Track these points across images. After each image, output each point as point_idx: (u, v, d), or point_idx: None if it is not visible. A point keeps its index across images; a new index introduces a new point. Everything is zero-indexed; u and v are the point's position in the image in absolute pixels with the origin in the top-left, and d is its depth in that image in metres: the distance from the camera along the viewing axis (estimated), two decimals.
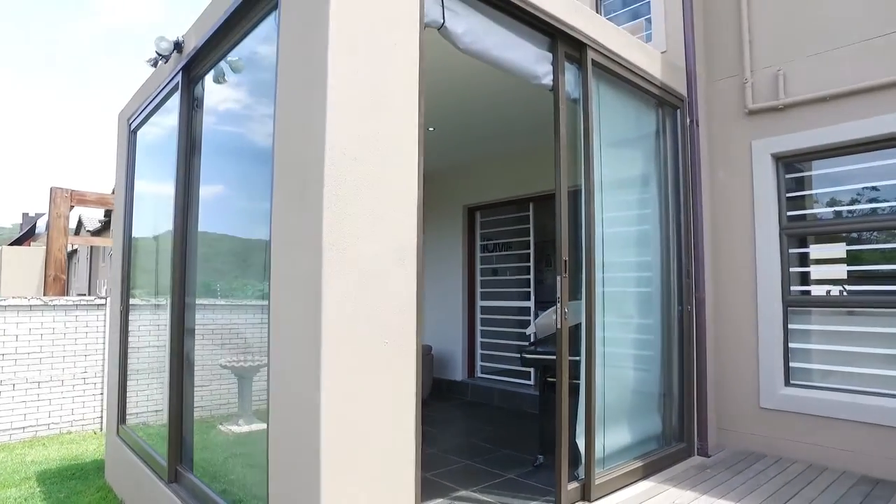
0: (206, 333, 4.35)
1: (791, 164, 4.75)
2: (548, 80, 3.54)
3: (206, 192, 4.19)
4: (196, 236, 4.14)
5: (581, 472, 3.65)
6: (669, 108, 4.69)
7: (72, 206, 8.75)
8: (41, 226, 14.96)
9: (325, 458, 2.27)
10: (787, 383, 4.64)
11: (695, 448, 4.59)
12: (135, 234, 5.48)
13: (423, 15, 2.77)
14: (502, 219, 7.39)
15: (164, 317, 5.25)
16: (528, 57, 3.41)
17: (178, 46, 4.07)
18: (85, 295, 24.28)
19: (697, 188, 4.72)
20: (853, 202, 4.51)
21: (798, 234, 4.71)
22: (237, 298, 4.37)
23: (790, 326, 4.67)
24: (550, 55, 3.55)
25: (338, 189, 2.34)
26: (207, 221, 4.19)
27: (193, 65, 4.04)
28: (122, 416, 5.31)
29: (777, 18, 4.77)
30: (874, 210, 4.40)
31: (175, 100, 4.28)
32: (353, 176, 2.41)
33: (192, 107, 4.16)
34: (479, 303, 7.55)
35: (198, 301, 4.19)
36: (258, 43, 3.49)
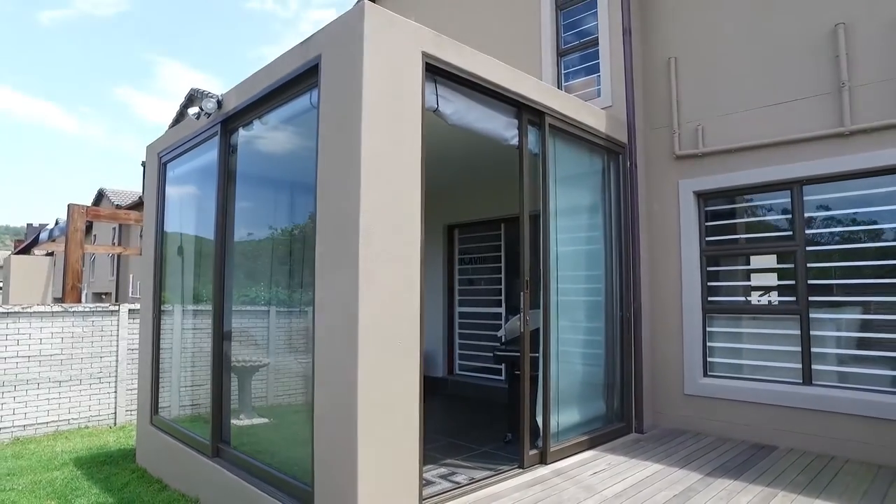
0: (236, 336, 5.29)
1: (708, 200, 5.95)
2: (514, 140, 4.64)
3: (238, 216, 5.17)
4: (232, 252, 5.10)
5: (540, 442, 4.74)
6: (613, 153, 5.84)
7: (86, 221, 9.54)
8: (44, 236, 15.59)
9: (360, 426, 3.30)
10: (705, 374, 5.83)
11: (632, 426, 5.73)
12: (164, 250, 6.39)
13: (424, 103, 3.82)
14: (477, 236, 8.49)
15: (190, 321, 6.20)
16: (500, 125, 4.51)
17: (219, 104, 5.04)
18: (106, 294, 24.57)
19: (636, 217, 5.87)
20: (752, 230, 5.73)
21: (713, 254, 5.90)
22: (251, 305, 5.34)
23: (708, 329, 5.86)
24: (517, 122, 4.65)
25: (369, 236, 3.39)
26: (230, 238, 5.17)
27: (231, 120, 5.02)
28: (154, 408, 6.22)
29: (696, 85, 5.98)
30: (767, 238, 5.61)
31: (214, 143, 5.24)
32: (379, 226, 3.46)
33: (228, 151, 5.14)
34: (458, 308, 8.64)
35: (232, 308, 5.15)
36: (289, 110, 4.50)
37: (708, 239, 5.92)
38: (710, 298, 5.89)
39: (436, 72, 3.93)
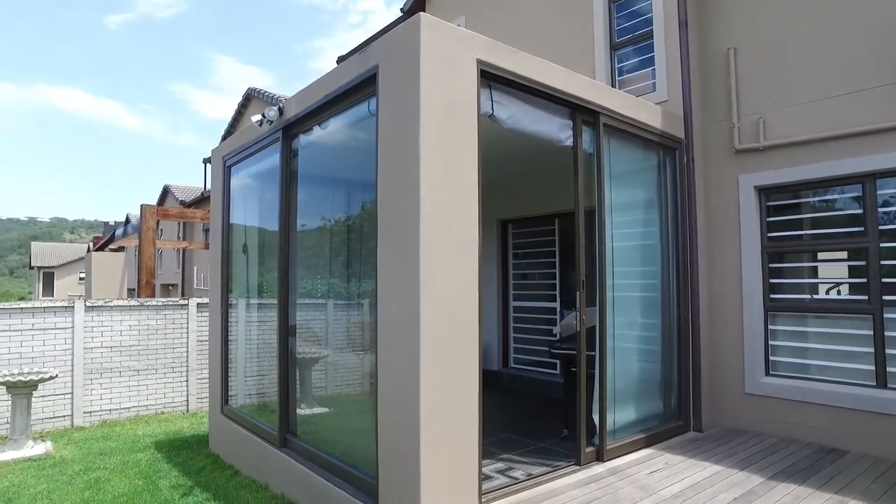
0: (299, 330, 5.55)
1: (770, 195, 5.77)
2: (569, 142, 4.66)
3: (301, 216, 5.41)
4: (296, 250, 5.35)
5: (596, 440, 4.79)
6: (669, 149, 5.75)
7: (158, 220, 10.15)
8: (119, 233, 16.67)
9: (423, 423, 3.46)
10: (767, 373, 5.70)
11: (690, 425, 5.68)
12: (231, 248, 6.74)
13: (479, 109, 3.90)
14: (531, 231, 8.51)
15: (255, 314, 6.52)
16: (554, 127, 4.53)
17: (280, 112, 5.27)
18: (173, 286, 26.10)
19: (693, 213, 5.77)
20: (818, 226, 5.53)
21: (776, 251, 5.74)
22: (311, 299, 5.59)
23: (770, 327, 5.72)
24: (571, 123, 4.66)
25: (428, 241, 3.52)
26: (293, 238, 5.41)
27: (292, 126, 5.24)
28: (225, 398, 6.60)
29: (757, 76, 5.78)
30: (836, 234, 5.41)
31: (276, 148, 5.49)
32: (437, 232, 3.58)
33: (290, 155, 5.37)
34: (512, 303, 8.71)
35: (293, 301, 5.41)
36: (348, 117, 4.67)
37: (770, 235, 5.76)
38: (772, 296, 5.73)
39: (491, 78, 4.00)
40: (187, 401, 9.18)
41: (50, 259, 46.66)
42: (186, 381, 9.18)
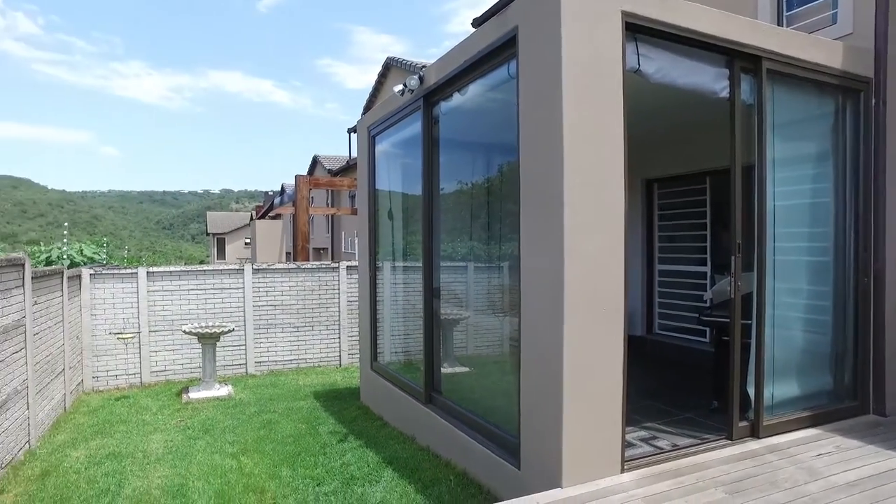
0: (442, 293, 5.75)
1: None
2: (725, 93, 4.24)
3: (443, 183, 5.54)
4: (439, 214, 5.51)
5: (751, 414, 4.45)
6: (851, 92, 5.00)
7: (310, 189, 11.00)
8: (277, 202, 18.36)
9: (566, 387, 3.46)
10: None
11: (869, 407, 5.06)
12: (377, 214, 7.11)
13: (624, 64, 3.68)
14: (679, 191, 7.96)
15: (401, 276, 6.86)
16: (708, 78, 4.14)
17: (421, 80, 5.38)
18: (323, 249, 28.72)
19: (881, 166, 5.01)
20: None
21: None
22: (452, 262, 5.74)
23: None
24: (727, 71, 4.23)
25: (572, 205, 3.44)
26: (436, 203, 5.56)
27: (432, 94, 5.34)
28: (374, 355, 7.09)
29: None
30: None
31: (417, 116, 5.64)
32: (582, 195, 3.49)
33: (431, 122, 5.49)
34: (658, 267, 8.29)
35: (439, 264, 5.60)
36: (487, 82, 4.65)
37: None
38: None
39: (636, 30, 3.74)
40: (340, 356, 10.00)
41: (221, 226, 52.70)
42: (339, 338, 9.98)
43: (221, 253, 50.69)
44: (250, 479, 4.84)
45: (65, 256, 11.38)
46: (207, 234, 55.69)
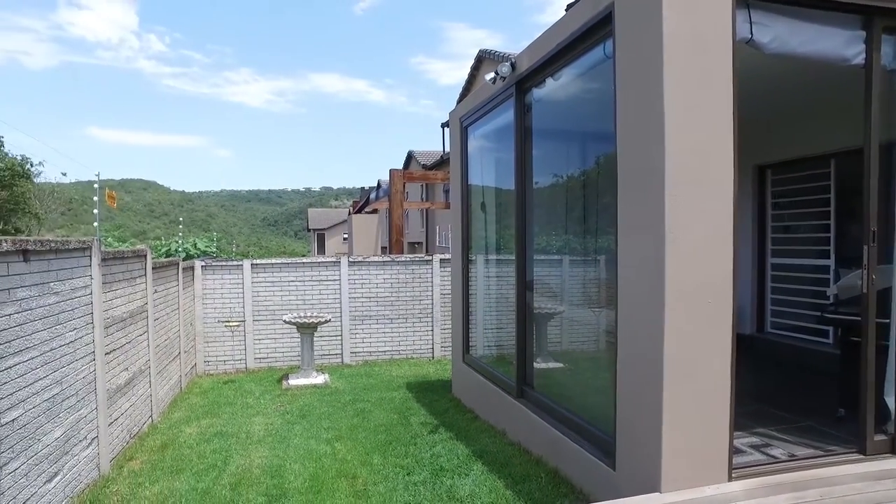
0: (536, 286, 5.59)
1: None
2: (858, 59, 3.73)
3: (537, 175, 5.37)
4: (532, 205, 5.35)
5: (891, 427, 3.93)
6: None
7: (404, 183, 11.18)
8: (373, 197, 18.92)
9: (666, 385, 3.21)
10: None
11: None
12: (470, 207, 7.05)
13: (734, 35, 3.35)
14: (796, 176, 7.24)
15: (493, 269, 6.76)
16: (837, 44, 3.67)
17: (513, 67, 5.24)
18: (418, 243, 29.52)
19: None
20: None
21: None
22: (546, 255, 5.55)
23: None
24: (863, 34, 3.72)
25: (673, 191, 3.18)
26: (530, 194, 5.39)
27: (524, 80, 5.18)
28: (466, 348, 7.05)
29: None
30: None
31: (510, 104, 5.51)
32: (684, 179, 3.21)
33: (523, 110, 5.34)
34: (770, 259, 7.61)
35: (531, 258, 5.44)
36: (582, 64, 4.43)
37: None
38: None
39: None
40: (432, 349, 10.08)
41: (321, 222, 55.21)
42: (432, 330, 10.06)
43: (321, 248, 53.11)
44: (343, 464, 4.95)
45: (181, 249, 12.34)
46: (308, 230, 58.58)
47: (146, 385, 6.11)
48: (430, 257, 10.19)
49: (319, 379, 8.16)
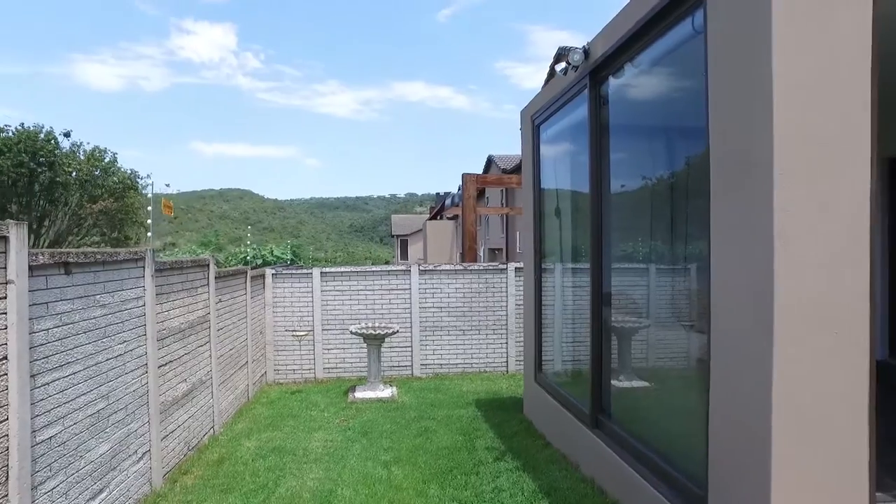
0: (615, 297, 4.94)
1: None
2: None
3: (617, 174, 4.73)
4: (609, 209, 4.73)
5: None
6: None
7: (477, 187, 10.74)
8: (448, 202, 18.66)
9: (776, 430, 2.53)
10: None
11: None
12: (542, 210, 6.48)
13: None
14: None
15: (569, 279, 6.13)
16: None
17: (586, 54, 4.66)
18: (498, 250, 29.11)
19: None
20: None
21: None
22: (629, 263, 4.88)
23: None
24: None
25: (785, 182, 2.51)
26: (606, 197, 4.76)
27: (599, 69, 4.59)
28: (538, 365, 6.47)
29: None
30: None
31: (584, 97, 4.92)
32: (799, 169, 2.54)
33: (598, 103, 4.74)
34: None
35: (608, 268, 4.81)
36: (665, 44, 3.79)
37: None
38: None
39: None
40: (507, 362, 9.53)
41: (404, 228, 55.85)
42: (506, 342, 9.52)
43: (404, 253, 53.73)
44: (397, 493, 4.55)
45: (258, 257, 12.55)
46: (392, 236, 59.50)
47: (207, 396, 6.02)
48: (504, 265, 9.66)
49: (386, 392, 7.85)
